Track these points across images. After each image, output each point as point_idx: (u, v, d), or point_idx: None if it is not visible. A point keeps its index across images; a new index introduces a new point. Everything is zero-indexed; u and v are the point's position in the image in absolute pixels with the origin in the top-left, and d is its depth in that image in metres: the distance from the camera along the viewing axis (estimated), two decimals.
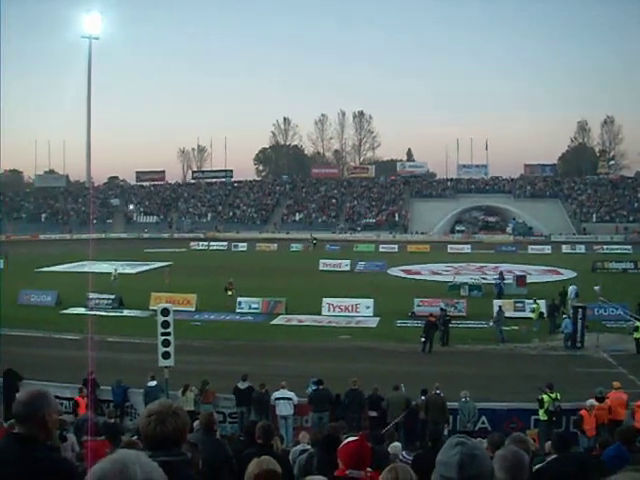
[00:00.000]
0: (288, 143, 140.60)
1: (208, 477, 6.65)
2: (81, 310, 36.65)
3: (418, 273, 53.29)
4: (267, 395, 18.49)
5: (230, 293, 37.95)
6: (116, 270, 46.29)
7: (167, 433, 3.26)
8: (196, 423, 8.67)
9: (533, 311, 32.45)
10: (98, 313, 35.46)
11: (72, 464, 3.84)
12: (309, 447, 10.42)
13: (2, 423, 10.33)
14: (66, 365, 22.55)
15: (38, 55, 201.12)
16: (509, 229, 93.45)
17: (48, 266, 57.51)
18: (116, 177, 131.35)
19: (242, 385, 18.87)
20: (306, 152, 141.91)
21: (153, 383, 19.14)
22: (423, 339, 27.62)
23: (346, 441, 5.29)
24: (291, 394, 18.46)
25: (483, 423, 17.47)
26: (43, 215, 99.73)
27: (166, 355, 17.79)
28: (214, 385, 19.44)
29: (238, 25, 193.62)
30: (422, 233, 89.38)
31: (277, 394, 18.39)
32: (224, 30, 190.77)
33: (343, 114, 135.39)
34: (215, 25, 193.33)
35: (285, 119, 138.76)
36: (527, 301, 34.90)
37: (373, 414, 17.94)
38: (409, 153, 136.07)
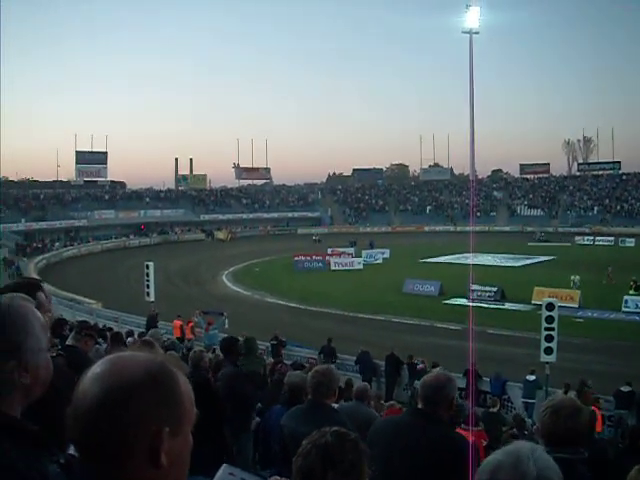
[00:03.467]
0: None
1: None
2: (463, 301, 37.17)
3: None
4: None
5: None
6: (577, 277, 40.39)
7: (569, 429, 3.21)
8: None
9: None
10: (479, 305, 35.76)
11: (468, 443, 3.90)
12: None
13: (394, 405, 10.73)
14: (446, 354, 22.95)
15: (422, 53, 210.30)
16: None
17: (432, 257, 59.30)
18: (500, 170, 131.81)
19: (625, 389, 17.73)
20: None
21: (532, 377, 18.82)
22: None
23: None
24: None
25: None
26: (428, 207, 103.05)
27: (548, 350, 17.38)
28: (593, 385, 18.43)
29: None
30: None
31: None
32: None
33: None
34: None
35: None
36: None
37: None
38: None
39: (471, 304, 35.32)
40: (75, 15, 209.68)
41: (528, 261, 56.52)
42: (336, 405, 7.60)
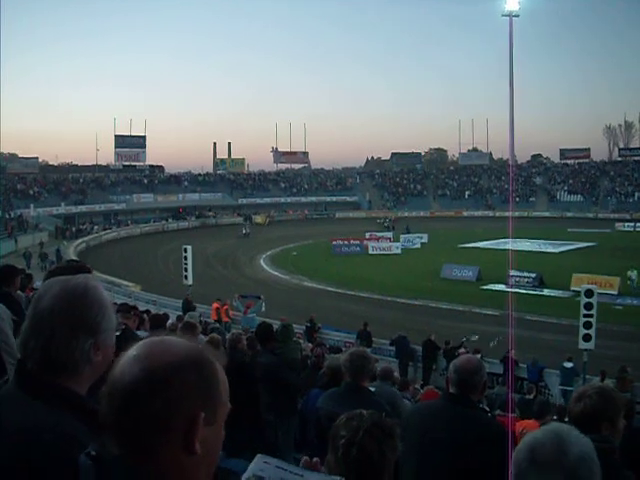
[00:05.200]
0: None
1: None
2: (501, 287, 36.96)
3: None
4: None
5: None
6: (634, 272, 36.55)
7: (592, 415, 3.15)
8: None
9: None
10: (518, 291, 35.51)
11: (504, 428, 3.91)
12: None
13: (433, 389, 10.77)
14: (484, 340, 22.82)
15: (462, 37, 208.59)
16: None
17: (470, 242, 58.94)
18: (539, 155, 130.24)
19: None
20: None
21: (569, 365, 18.71)
22: None
23: None
24: None
25: None
26: (467, 192, 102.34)
27: (587, 338, 17.24)
28: (633, 373, 18.20)
29: None
30: None
31: None
32: None
33: None
34: None
35: None
36: None
37: None
38: None
39: (510, 290, 35.10)
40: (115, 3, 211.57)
41: (567, 247, 55.90)
42: None
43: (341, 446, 2.45)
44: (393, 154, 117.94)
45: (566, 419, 3.54)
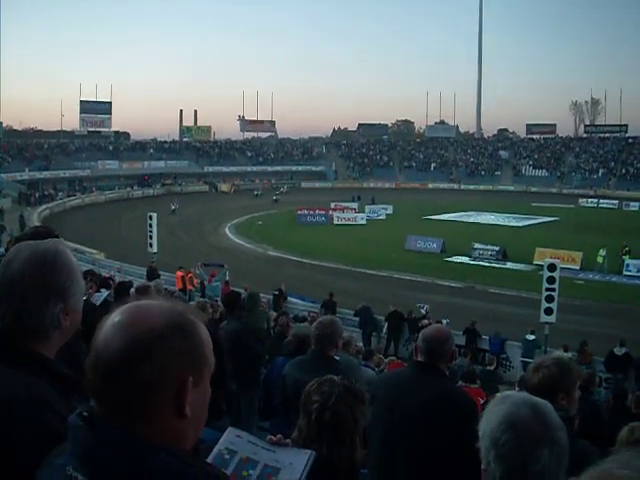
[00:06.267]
0: None
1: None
2: (465, 259, 37.30)
3: None
4: None
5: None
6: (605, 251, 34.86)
7: (543, 382, 3.22)
8: None
9: None
10: (481, 263, 35.86)
11: (472, 399, 3.99)
12: None
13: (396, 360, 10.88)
14: (447, 311, 23.01)
15: (431, 9, 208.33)
16: None
17: (435, 214, 59.18)
18: (506, 129, 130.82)
19: (618, 351, 17.75)
20: None
21: (532, 337, 18.99)
22: None
23: None
24: None
25: None
26: (432, 165, 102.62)
27: (549, 311, 17.44)
28: (592, 347, 18.54)
29: None
30: None
31: None
32: None
33: None
34: None
35: None
36: None
37: None
38: None
39: (473, 262, 35.30)
40: None
41: (531, 221, 56.40)
42: None
43: (314, 410, 2.47)
44: (360, 125, 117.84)
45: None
